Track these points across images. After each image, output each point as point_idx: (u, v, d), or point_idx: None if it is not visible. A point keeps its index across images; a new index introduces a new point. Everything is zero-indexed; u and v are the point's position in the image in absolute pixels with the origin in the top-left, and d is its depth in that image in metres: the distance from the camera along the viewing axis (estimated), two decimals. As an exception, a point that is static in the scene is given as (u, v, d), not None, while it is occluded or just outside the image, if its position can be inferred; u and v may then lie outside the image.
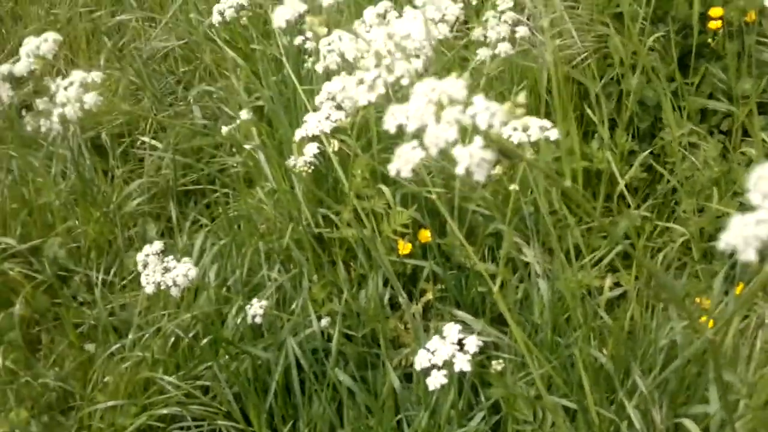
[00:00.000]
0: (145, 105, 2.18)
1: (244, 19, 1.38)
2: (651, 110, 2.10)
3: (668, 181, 1.94)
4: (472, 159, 0.46)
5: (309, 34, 1.31)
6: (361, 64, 0.96)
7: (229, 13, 1.38)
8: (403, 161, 0.48)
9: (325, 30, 0.57)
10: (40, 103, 0.94)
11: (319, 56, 0.98)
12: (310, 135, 1.01)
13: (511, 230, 1.32)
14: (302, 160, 1.51)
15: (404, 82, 0.72)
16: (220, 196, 1.85)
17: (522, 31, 1.25)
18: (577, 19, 2.01)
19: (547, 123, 0.90)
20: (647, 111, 2.11)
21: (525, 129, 0.94)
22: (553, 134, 0.91)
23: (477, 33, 1.21)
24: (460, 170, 0.46)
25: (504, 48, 1.18)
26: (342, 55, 0.95)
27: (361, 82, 0.65)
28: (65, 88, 0.91)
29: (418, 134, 0.47)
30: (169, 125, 2.01)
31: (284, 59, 1.41)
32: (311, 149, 1.11)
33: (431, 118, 0.47)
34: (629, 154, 2.02)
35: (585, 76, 2.07)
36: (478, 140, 0.46)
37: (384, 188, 1.52)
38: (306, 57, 1.43)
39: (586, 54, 2.04)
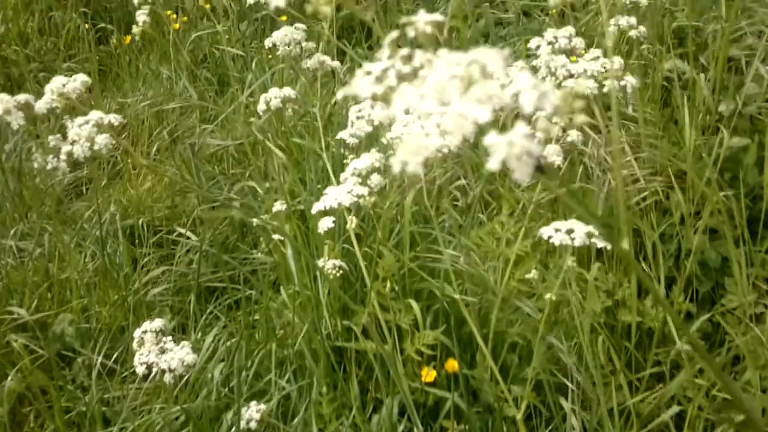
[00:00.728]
0: (190, 199, 2.15)
1: (290, 110, 1.34)
2: (713, 273, 1.96)
3: (729, 350, 1.77)
4: (512, 149, 0.34)
5: (355, 129, 1.26)
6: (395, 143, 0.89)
7: (275, 104, 1.35)
8: (412, 151, 0.36)
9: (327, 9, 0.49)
10: (52, 140, 0.88)
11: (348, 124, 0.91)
12: (327, 208, 0.92)
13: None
14: (331, 262, 1.42)
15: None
16: (243, 295, 1.75)
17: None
18: (640, 163, 1.93)
19: (593, 229, 0.80)
20: (709, 274, 1.97)
21: (570, 231, 0.84)
22: (601, 242, 0.80)
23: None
24: (493, 164, 0.35)
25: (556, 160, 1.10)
26: (371, 123, 0.88)
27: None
28: (79, 126, 0.86)
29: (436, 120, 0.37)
30: (207, 220, 1.96)
31: (324, 155, 1.36)
32: (326, 223, 1.02)
33: (455, 93, 0.36)
34: (686, 317, 1.86)
35: (643, 225, 1.96)
36: (522, 126, 0.36)
37: (413, 303, 1.40)
38: (346, 153, 1.37)
39: (645, 202, 1.94)
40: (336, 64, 1.39)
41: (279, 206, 1.42)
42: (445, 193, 1.88)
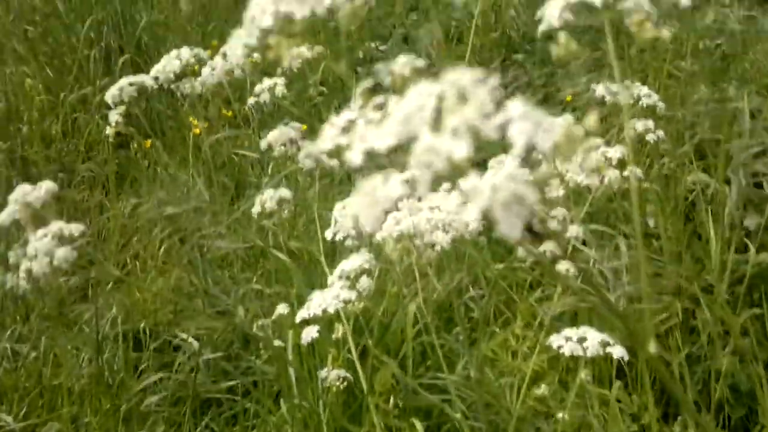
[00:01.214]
0: (196, 303, 2.09)
1: (286, 212, 1.30)
2: (744, 398, 1.83)
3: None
4: (497, 194, 0.28)
5: (352, 232, 1.20)
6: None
7: (270, 206, 1.31)
8: (368, 205, 0.30)
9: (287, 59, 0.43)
10: (11, 256, 0.81)
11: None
12: (311, 315, 0.85)
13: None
14: (335, 373, 1.33)
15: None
16: (240, 409, 1.65)
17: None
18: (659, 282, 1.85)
19: (608, 338, 0.72)
20: (740, 399, 1.84)
21: (581, 340, 0.76)
22: (618, 351, 0.71)
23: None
24: (472, 214, 0.28)
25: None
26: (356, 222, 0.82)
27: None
28: (40, 239, 0.79)
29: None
30: (210, 326, 1.88)
31: (322, 259, 1.30)
32: (310, 333, 0.94)
33: (424, 125, 0.29)
34: (719, 444, 1.73)
35: (667, 347, 1.85)
36: (511, 163, 0.29)
37: (417, 423, 1.30)
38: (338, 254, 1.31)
39: (670, 322, 1.84)
40: (335, 162, 1.35)
41: (281, 310, 1.35)
42: (455, 303, 1.81)
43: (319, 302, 0.91)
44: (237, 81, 3.56)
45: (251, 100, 1.56)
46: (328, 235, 0.94)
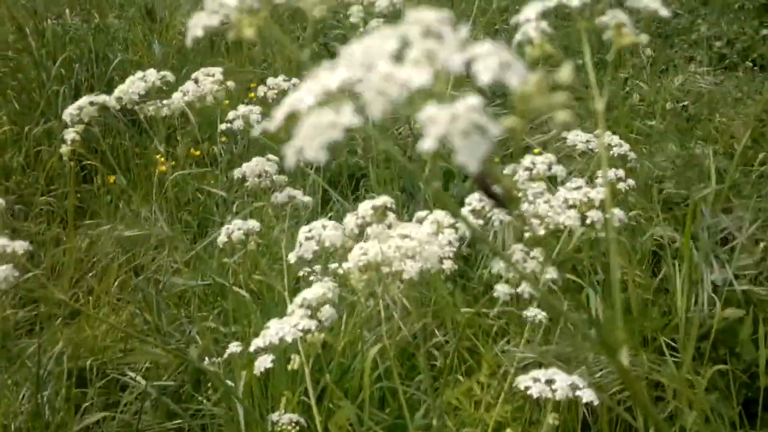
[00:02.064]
0: (148, 341, 2.00)
1: (252, 243, 1.24)
2: (710, 457, 1.79)
3: None
4: (457, 123, 0.24)
5: (317, 268, 1.15)
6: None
7: (237, 235, 1.25)
8: (311, 132, 0.26)
9: (252, 32, 0.40)
10: None
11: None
12: (266, 345, 0.79)
13: None
14: (287, 417, 1.26)
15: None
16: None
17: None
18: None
19: (578, 380, 0.67)
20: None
21: (550, 382, 0.71)
22: (588, 395, 0.67)
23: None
24: (428, 143, 0.25)
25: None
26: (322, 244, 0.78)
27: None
28: None
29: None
30: (160, 364, 1.80)
31: (286, 295, 1.24)
32: (264, 362, 0.88)
33: (385, 57, 0.26)
34: None
35: (631, 410, 1.81)
36: (472, 98, 0.25)
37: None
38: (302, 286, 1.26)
39: (635, 372, 1.80)
40: (307, 199, 1.30)
41: (233, 348, 1.28)
42: (420, 348, 1.75)
43: (276, 330, 0.86)
44: (208, 120, 3.54)
45: (223, 126, 1.50)
46: (292, 258, 0.89)
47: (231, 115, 1.44)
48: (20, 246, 0.82)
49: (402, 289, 0.75)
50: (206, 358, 1.30)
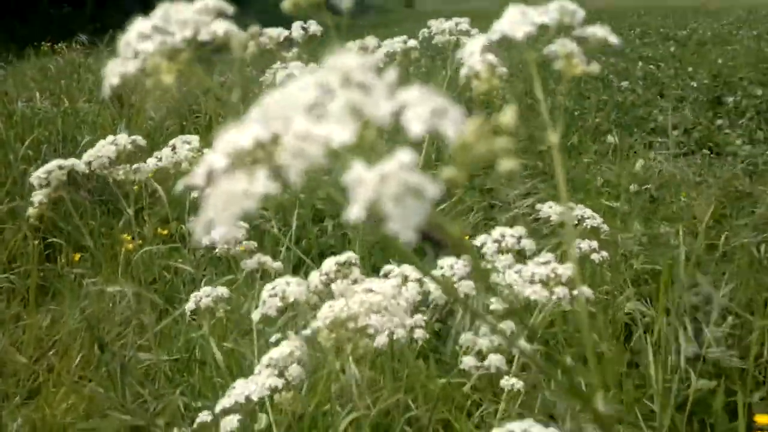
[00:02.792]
0: (111, 420, 1.92)
1: (221, 311, 1.22)
2: None
3: None
4: (388, 186, 0.22)
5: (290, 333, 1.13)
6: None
7: (206, 302, 1.23)
8: (223, 201, 0.23)
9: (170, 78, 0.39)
10: None
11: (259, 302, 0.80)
12: (232, 403, 0.77)
13: None
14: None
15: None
16: None
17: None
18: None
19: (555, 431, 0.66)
20: None
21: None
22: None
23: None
24: (355, 211, 0.22)
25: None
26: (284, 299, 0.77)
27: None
28: None
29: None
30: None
31: (255, 361, 1.21)
32: (230, 423, 0.84)
33: (302, 111, 0.24)
34: None
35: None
36: (404, 154, 0.23)
37: None
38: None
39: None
40: (278, 265, 1.29)
41: (203, 418, 1.23)
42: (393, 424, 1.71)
43: (242, 389, 0.83)
44: (176, 200, 3.51)
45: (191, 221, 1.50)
46: (256, 316, 0.88)
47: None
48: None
49: (369, 351, 0.73)
50: (175, 429, 1.25)
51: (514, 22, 0.42)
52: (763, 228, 2.80)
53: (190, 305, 1.30)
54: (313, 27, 1.29)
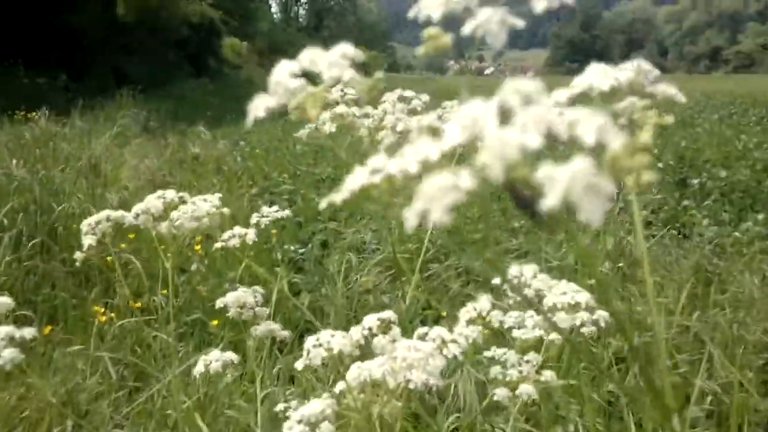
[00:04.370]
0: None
1: (229, 376, 1.21)
2: None
3: None
4: (576, 181, 0.27)
5: (293, 404, 1.12)
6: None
7: (215, 366, 1.22)
8: (432, 194, 0.28)
9: (316, 114, 0.42)
10: None
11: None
12: None
13: None
14: None
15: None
16: None
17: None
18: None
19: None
20: None
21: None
22: None
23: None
24: (552, 199, 0.27)
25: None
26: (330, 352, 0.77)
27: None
28: None
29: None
30: None
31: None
32: None
33: (491, 119, 0.29)
34: None
35: None
36: (582, 160, 0.28)
37: None
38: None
39: None
40: (286, 333, 1.29)
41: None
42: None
43: None
44: (150, 271, 3.47)
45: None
46: (299, 365, 0.86)
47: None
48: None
49: (397, 412, 0.73)
50: None
51: (599, 77, 0.47)
52: (734, 306, 2.85)
53: (198, 368, 1.27)
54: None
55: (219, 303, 1.14)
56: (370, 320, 0.78)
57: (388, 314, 0.80)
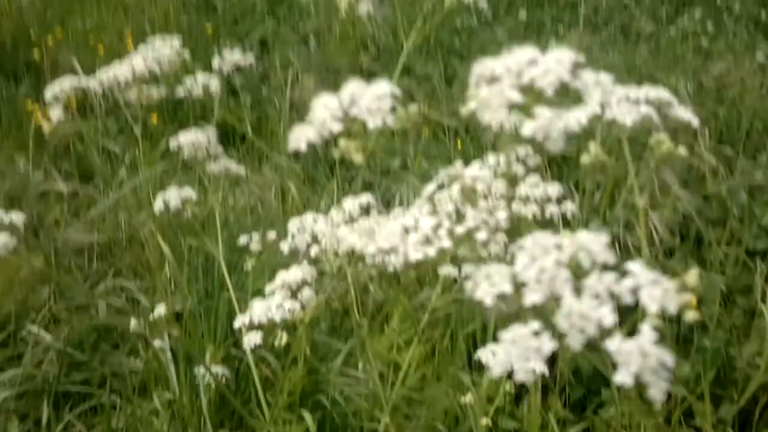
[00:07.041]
0: (42, 294, 1.95)
1: (189, 211, 1.24)
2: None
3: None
4: (647, 361, 0.31)
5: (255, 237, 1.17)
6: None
7: (174, 204, 1.23)
8: (516, 352, 0.33)
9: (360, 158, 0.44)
10: None
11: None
12: (256, 322, 0.84)
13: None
14: (214, 368, 1.30)
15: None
16: (106, 401, 1.57)
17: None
18: None
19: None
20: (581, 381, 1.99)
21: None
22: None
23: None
24: (624, 377, 0.31)
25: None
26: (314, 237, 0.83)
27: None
28: None
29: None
30: (64, 318, 1.77)
31: (219, 255, 1.24)
32: (253, 339, 0.91)
33: (566, 286, 0.33)
34: (562, 425, 1.86)
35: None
36: (647, 330, 0.32)
37: (306, 415, 1.30)
38: (248, 257, 1.25)
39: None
40: (241, 169, 1.31)
41: (161, 310, 1.28)
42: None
43: (262, 310, 0.89)
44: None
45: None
46: (284, 248, 0.91)
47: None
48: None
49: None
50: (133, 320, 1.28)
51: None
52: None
53: (158, 205, 1.28)
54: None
55: (172, 144, 1.13)
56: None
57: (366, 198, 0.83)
